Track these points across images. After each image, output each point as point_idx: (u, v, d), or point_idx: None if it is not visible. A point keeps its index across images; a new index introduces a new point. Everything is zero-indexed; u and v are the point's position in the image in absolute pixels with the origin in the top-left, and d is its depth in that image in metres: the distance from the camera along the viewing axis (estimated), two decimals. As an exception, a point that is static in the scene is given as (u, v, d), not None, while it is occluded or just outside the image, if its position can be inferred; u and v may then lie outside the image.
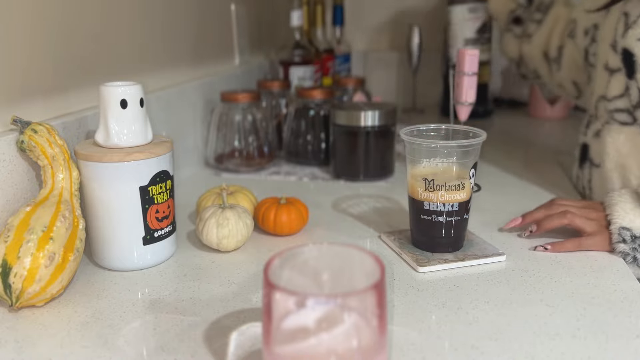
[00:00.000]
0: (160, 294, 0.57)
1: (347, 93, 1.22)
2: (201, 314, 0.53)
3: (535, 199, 0.84)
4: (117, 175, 0.59)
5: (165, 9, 0.95)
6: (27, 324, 0.51)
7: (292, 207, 0.71)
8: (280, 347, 0.37)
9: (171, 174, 0.64)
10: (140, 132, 0.62)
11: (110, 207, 0.60)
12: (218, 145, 1.04)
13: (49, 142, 0.59)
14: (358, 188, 0.93)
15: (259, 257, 0.66)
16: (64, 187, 0.59)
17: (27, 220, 0.53)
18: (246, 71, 1.29)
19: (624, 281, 0.59)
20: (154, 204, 0.62)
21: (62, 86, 0.70)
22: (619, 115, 0.74)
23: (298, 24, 1.29)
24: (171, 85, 0.96)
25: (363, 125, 0.93)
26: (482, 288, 0.58)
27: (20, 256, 0.51)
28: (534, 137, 1.33)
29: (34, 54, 0.65)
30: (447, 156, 0.62)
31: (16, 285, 0.51)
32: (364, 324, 0.37)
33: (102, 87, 0.60)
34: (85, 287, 0.59)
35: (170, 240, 0.65)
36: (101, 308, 0.54)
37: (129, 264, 0.62)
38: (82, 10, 0.73)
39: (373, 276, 0.38)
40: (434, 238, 0.65)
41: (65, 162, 0.60)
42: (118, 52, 0.81)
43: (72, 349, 0.48)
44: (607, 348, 0.47)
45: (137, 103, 0.61)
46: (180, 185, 0.94)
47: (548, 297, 0.56)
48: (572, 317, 0.52)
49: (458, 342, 0.48)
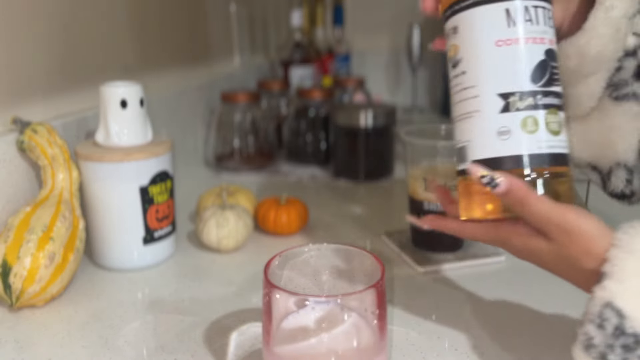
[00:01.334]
0: (160, 294, 0.57)
1: (347, 93, 1.22)
2: (201, 314, 0.53)
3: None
4: (117, 175, 0.59)
5: (165, 9, 0.95)
6: (27, 324, 0.51)
7: (292, 207, 0.71)
8: (280, 347, 0.37)
9: (171, 174, 0.64)
10: (140, 132, 0.62)
11: (110, 207, 0.60)
12: (218, 145, 1.04)
13: (49, 142, 0.59)
14: (358, 188, 0.93)
15: (259, 257, 0.66)
16: (64, 187, 0.59)
17: (27, 220, 0.53)
18: (246, 71, 1.29)
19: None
20: (154, 204, 0.62)
21: (62, 86, 0.70)
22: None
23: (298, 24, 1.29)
24: (171, 85, 0.96)
25: (363, 125, 0.93)
26: (482, 288, 0.58)
27: (21, 256, 0.51)
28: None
29: (34, 54, 0.65)
30: (447, 156, 0.62)
31: (16, 285, 0.51)
32: (364, 324, 0.37)
33: (102, 87, 0.60)
34: (85, 287, 0.59)
35: (170, 240, 0.65)
36: (101, 308, 0.54)
37: (129, 264, 0.62)
38: (82, 10, 0.73)
39: (373, 276, 0.38)
40: (433, 238, 0.65)
41: (65, 162, 0.60)
42: (118, 52, 0.81)
43: (72, 349, 0.48)
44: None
45: (137, 103, 0.61)
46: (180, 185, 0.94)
47: (548, 297, 0.56)
48: (571, 317, 0.52)
49: (458, 342, 0.48)
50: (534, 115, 0.40)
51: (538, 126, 0.40)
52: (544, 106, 0.40)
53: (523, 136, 0.40)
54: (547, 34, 0.41)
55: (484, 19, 0.41)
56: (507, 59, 0.40)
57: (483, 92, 0.41)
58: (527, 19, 0.40)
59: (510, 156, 0.40)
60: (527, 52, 0.40)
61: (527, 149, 0.40)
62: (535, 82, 0.40)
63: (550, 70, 0.41)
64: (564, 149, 0.41)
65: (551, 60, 0.41)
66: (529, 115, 0.40)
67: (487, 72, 0.41)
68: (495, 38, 0.41)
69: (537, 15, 0.41)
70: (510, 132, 0.40)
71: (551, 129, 0.41)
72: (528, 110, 0.40)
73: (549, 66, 0.41)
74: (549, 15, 0.42)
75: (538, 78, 0.40)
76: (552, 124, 0.41)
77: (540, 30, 0.41)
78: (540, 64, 0.40)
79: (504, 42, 0.40)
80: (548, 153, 0.40)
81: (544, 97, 0.40)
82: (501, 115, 0.40)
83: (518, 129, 0.40)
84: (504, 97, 0.40)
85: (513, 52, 0.40)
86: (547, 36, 0.41)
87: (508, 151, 0.40)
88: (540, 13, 0.41)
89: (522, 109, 0.40)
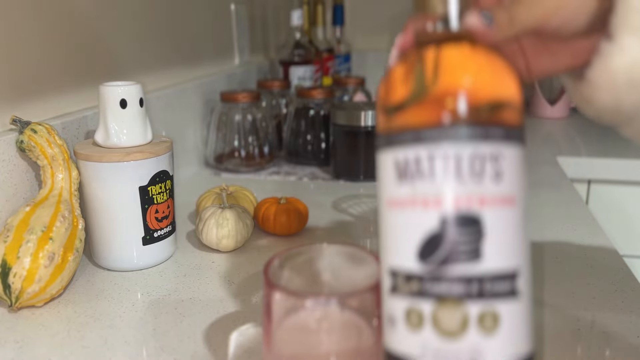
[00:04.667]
0: (160, 294, 0.57)
1: (347, 93, 1.22)
2: (201, 314, 0.53)
3: (536, 198, 0.84)
4: (116, 175, 0.59)
5: (165, 9, 0.95)
6: (27, 324, 0.51)
7: (292, 207, 0.71)
8: (280, 347, 0.37)
9: (171, 174, 0.64)
10: (139, 132, 0.62)
11: (110, 207, 0.60)
12: (218, 145, 1.04)
13: (49, 142, 0.59)
14: (358, 188, 0.93)
15: (259, 257, 0.66)
16: (64, 187, 0.59)
17: (26, 220, 0.53)
18: (246, 71, 1.29)
19: (625, 282, 0.59)
20: (154, 204, 0.62)
21: (62, 86, 0.70)
22: None
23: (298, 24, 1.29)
24: (171, 85, 0.96)
25: (363, 125, 0.93)
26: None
27: (20, 256, 0.51)
28: (534, 137, 1.33)
29: (33, 54, 0.65)
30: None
31: (16, 286, 0.51)
32: (364, 324, 0.36)
33: (101, 87, 0.60)
34: (85, 287, 0.59)
35: (170, 240, 0.65)
36: (101, 308, 0.54)
37: (128, 264, 0.62)
38: (82, 10, 0.73)
39: (373, 276, 0.38)
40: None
41: (64, 162, 0.60)
42: (118, 51, 0.81)
43: (72, 349, 0.48)
44: (608, 348, 0.47)
45: (136, 103, 0.61)
46: (180, 185, 0.94)
47: (548, 297, 0.56)
48: (572, 317, 0.52)
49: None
50: (417, 307, 0.30)
51: (422, 322, 0.30)
52: (435, 296, 0.30)
53: (405, 333, 0.31)
54: (452, 193, 0.30)
55: (382, 167, 0.33)
56: (396, 226, 0.31)
57: (382, 260, 0.33)
58: (418, 174, 0.30)
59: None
60: (415, 218, 0.31)
61: (408, 350, 0.31)
62: (423, 261, 0.30)
63: (449, 246, 0.30)
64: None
65: (453, 229, 0.30)
66: (412, 306, 0.31)
67: (382, 238, 0.33)
68: (386, 196, 0.32)
69: (439, 168, 0.30)
70: (395, 323, 0.32)
71: (443, 329, 0.30)
72: (411, 297, 0.31)
73: (445, 240, 0.30)
74: (474, 164, 0.30)
75: (426, 256, 0.30)
76: (445, 321, 0.30)
77: (435, 190, 0.30)
78: (432, 236, 0.30)
79: (393, 203, 0.32)
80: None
81: (434, 283, 0.30)
82: (390, 298, 0.32)
83: (401, 321, 0.31)
84: (392, 275, 0.32)
85: (402, 217, 0.31)
86: (448, 196, 0.30)
87: (390, 345, 0.32)
88: (446, 165, 0.30)
89: (406, 295, 0.31)
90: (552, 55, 0.38)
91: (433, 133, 0.30)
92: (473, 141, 0.30)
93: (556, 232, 0.71)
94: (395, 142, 0.31)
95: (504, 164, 0.31)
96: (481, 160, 0.30)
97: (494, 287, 0.30)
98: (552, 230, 0.70)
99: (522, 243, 0.31)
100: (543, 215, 0.78)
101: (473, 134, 0.30)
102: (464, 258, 0.30)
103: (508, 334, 0.30)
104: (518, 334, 0.31)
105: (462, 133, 0.30)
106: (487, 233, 0.30)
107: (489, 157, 0.30)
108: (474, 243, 0.30)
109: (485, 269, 0.30)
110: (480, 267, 0.30)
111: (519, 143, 0.32)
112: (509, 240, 0.31)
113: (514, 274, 0.31)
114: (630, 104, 0.34)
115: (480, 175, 0.30)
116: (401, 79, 0.32)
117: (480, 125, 0.30)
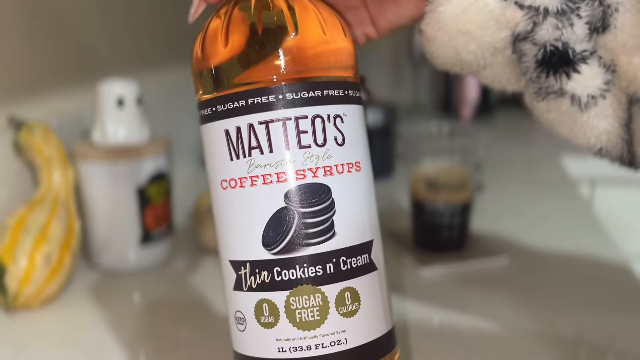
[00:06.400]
0: (157, 295, 0.57)
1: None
2: (199, 315, 0.53)
3: (536, 198, 0.84)
4: (113, 175, 0.59)
5: (164, 7, 0.94)
6: (23, 326, 0.51)
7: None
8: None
9: (168, 173, 0.64)
10: (137, 131, 0.61)
11: (107, 207, 0.59)
12: (217, 144, 1.03)
13: (45, 141, 0.59)
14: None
15: (258, 257, 0.66)
16: (60, 187, 0.58)
17: (22, 221, 0.53)
18: (246, 70, 1.28)
19: (626, 284, 0.58)
20: (151, 204, 0.61)
21: (59, 85, 0.70)
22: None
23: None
24: (169, 83, 0.96)
25: (363, 124, 0.93)
26: (484, 289, 0.57)
27: (16, 257, 0.51)
28: (537, 136, 1.32)
29: (30, 53, 0.64)
30: (449, 156, 0.62)
31: (12, 287, 0.51)
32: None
33: (98, 85, 0.60)
34: (81, 289, 0.58)
35: (168, 241, 0.65)
36: (98, 309, 0.54)
37: (125, 264, 0.61)
38: (80, 9, 0.72)
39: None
40: (435, 238, 0.64)
41: (61, 162, 0.59)
42: (116, 50, 0.81)
43: (69, 350, 0.47)
44: (610, 350, 0.47)
45: (134, 101, 0.61)
46: (177, 185, 0.93)
47: (550, 298, 0.55)
48: (574, 319, 0.51)
49: (459, 343, 0.48)
50: (268, 300, 0.27)
51: (278, 315, 0.27)
52: (288, 284, 0.26)
53: (257, 332, 0.27)
54: (295, 164, 0.26)
55: (209, 144, 0.29)
56: (234, 210, 0.28)
57: (221, 255, 0.30)
58: (253, 145, 0.26)
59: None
60: (256, 198, 0.27)
61: (262, 351, 0.27)
62: (269, 247, 0.27)
63: (297, 224, 0.26)
64: (334, 350, 0.27)
65: (298, 207, 0.26)
66: (262, 301, 0.27)
67: (219, 227, 0.29)
68: (219, 176, 0.29)
69: (276, 136, 0.26)
70: (244, 322, 0.28)
71: (300, 318, 0.26)
72: (261, 290, 0.27)
73: (292, 220, 0.26)
74: (314, 131, 0.26)
75: (273, 240, 0.27)
76: (304, 312, 0.26)
77: (276, 162, 0.26)
78: (276, 216, 0.26)
79: (227, 184, 0.28)
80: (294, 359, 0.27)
81: (285, 269, 0.26)
82: (235, 295, 0.28)
83: (252, 317, 0.28)
84: (236, 268, 0.28)
85: (240, 198, 0.27)
86: (292, 168, 0.26)
87: (242, 348, 0.28)
88: (285, 131, 0.26)
89: (254, 288, 0.27)
90: (395, 4, 0.36)
91: (264, 96, 0.26)
92: (309, 103, 0.26)
93: (556, 232, 0.70)
94: (223, 111, 0.27)
95: (345, 127, 0.28)
96: (321, 123, 0.27)
97: (350, 264, 0.27)
98: (552, 230, 0.70)
99: (374, 211, 0.29)
100: (543, 215, 0.78)
101: (307, 95, 0.27)
102: (315, 236, 0.27)
103: (370, 312, 0.28)
104: (379, 309, 0.29)
105: (296, 93, 0.26)
106: (337, 204, 0.27)
107: (328, 119, 0.27)
108: (324, 216, 0.27)
109: (338, 245, 0.27)
110: (334, 244, 0.27)
111: (357, 103, 0.29)
112: (360, 210, 0.28)
113: (369, 246, 0.29)
114: (469, 53, 0.33)
115: (321, 139, 0.27)
116: (222, 36, 0.28)
117: (313, 83, 0.27)
